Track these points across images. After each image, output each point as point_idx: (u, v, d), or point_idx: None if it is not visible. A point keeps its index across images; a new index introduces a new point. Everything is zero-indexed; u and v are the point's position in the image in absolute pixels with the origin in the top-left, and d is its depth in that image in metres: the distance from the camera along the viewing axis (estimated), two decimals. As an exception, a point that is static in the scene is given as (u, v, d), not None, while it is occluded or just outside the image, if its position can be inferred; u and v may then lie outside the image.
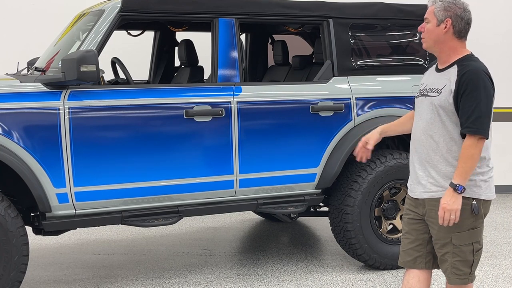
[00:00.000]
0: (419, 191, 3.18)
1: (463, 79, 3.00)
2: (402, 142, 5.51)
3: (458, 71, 3.04)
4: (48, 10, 7.51)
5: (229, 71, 4.69)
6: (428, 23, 3.13)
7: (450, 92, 3.03)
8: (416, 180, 3.20)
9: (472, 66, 3.03)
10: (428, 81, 3.23)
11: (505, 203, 7.71)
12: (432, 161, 3.10)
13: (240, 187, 4.68)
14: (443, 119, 3.07)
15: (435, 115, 3.09)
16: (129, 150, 4.33)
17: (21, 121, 4.06)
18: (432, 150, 3.11)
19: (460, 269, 3.10)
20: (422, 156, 3.14)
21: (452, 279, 3.14)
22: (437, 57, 3.21)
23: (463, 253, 3.09)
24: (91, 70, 4.01)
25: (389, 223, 5.18)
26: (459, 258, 3.09)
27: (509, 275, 4.98)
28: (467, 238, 3.08)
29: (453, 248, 3.08)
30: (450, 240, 3.08)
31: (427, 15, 3.14)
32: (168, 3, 4.57)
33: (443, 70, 3.14)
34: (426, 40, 3.15)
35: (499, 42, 7.96)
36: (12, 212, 4.02)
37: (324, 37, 5.02)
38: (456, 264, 3.10)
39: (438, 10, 3.08)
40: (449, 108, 3.04)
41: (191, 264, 5.37)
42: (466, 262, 3.10)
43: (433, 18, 3.10)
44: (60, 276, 5.08)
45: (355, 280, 4.91)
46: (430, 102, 3.12)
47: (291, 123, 4.79)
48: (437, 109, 3.07)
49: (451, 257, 3.10)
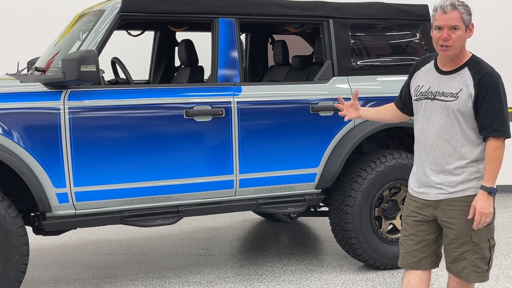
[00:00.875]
0: (433, 193, 3.16)
1: (482, 82, 3.00)
2: (402, 142, 5.52)
3: (473, 74, 3.03)
4: (48, 10, 7.51)
5: (229, 71, 4.69)
6: (458, 30, 3.01)
7: (469, 96, 3.02)
8: (427, 184, 3.18)
9: (487, 69, 3.04)
10: (430, 83, 3.16)
11: (505, 203, 7.71)
12: (449, 165, 3.10)
13: (240, 187, 4.68)
14: (461, 124, 3.06)
15: (451, 120, 3.07)
16: (129, 150, 4.33)
17: (21, 121, 4.06)
18: (448, 155, 3.10)
19: (479, 267, 3.13)
20: (438, 161, 3.13)
21: (472, 277, 3.15)
22: (447, 60, 3.12)
23: (482, 250, 3.12)
24: (91, 70, 4.01)
25: (389, 223, 5.18)
26: (479, 255, 3.12)
27: (509, 275, 4.98)
28: (485, 234, 3.11)
29: (473, 246, 3.10)
30: (470, 238, 3.10)
31: (455, 22, 3.00)
32: (168, 3, 4.57)
33: (451, 72, 3.10)
34: (455, 48, 3.04)
35: (500, 43, 7.96)
36: (12, 212, 4.02)
37: (324, 37, 5.02)
38: (476, 262, 3.12)
39: (465, 15, 3.02)
40: (468, 112, 3.04)
41: (191, 264, 5.37)
42: (485, 259, 3.14)
43: (462, 24, 3.02)
44: (60, 276, 5.08)
45: (355, 280, 4.92)
46: (444, 106, 3.08)
47: (291, 123, 4.79)
48: (455, 113, 3.05)
49: (471, 255, 3.11)
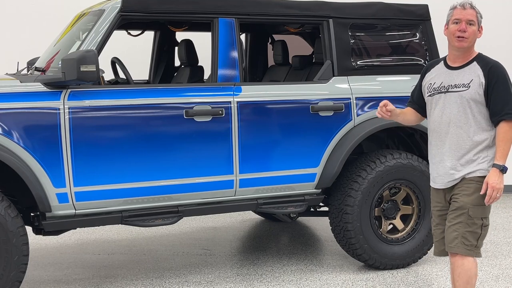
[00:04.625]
0: (447, 180, 3.50)
1: (491, 72, 3.37)
2: (402, 142, 5.52)
3: (482, 66, 3.41)
4: (48, 10, 7.51)
5: (229, 71, 4.69)
6: (473, 25, 3.42)
7: (480, 85, 3.38)
8: (444, 172, 3.50)
9: (493, 62, 3.43)
10: (441, 79, 3.51)
11: (505, 203, 7.71)
12: (463, 150, 3.43)
13: (240, 187, 4.67)
14: (473, 111, 3.41)
15: (465, 108, 3.42)
16: (129, 150, 4.33)
17: (21, 121, 4.05)
18: (462, 140, 3.43)
19: (469, 240, 3.44)
20: (453, 147, 3.46)
21: (460, 248, 3.44)
22: (457, 56, 3.48)
23: (475, 225, 3.44)
24: (91, 70, 4.01)
25: (389, 223, 5.18)
26: (470, 229, 3.43)
27: (509, 275, 4.98)
28: (481, 212, 3.44)
29: (467, 219, 3.43)
30: (468, 211, 3.42)
31: (472, 18, 3.41)
32: (168, 3, 4.57)
33: (461, 67, 3.46)
34: (469, 41, 3.43)
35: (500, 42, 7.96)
36: (12, 212, 4.02)
37: (324, 37, 5.02)
38: (466, 235, 3.43)
39: (479, 16, 3.45)
40: (479, 100, 3.39)
41: (191, 264, 5.37)
42: (475, 234, 3.45)
43: (476, 21, 3.43)
44: (60, 276, 5.08)
45: (355, 280, 4.91)
46: (458, 96, 3.42)
47: (291, 123, 4.79)
48: (469, 102, 3.40)
49: (463, 227, 3.43)
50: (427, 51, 5.28)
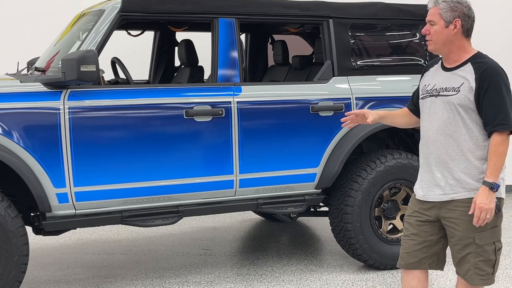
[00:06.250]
0: (436, 194, 3.12)
1: (483, 76, 2.96)
2: (402, 142, 5.52)
3: (475, 69, 3.00)
4: (48, 10, 7.51)
5: (229, 71, 4.69)
6: (434, 25, 3.08)
7: (470, 90, 2.99)
8: (432, 183, 3.13)
9: (489, 64, 3.01)
10: (435, 81, 3.15)
11: (505, 203, 7.69)
12: (453, 161, 3.05)
13: (240, 187, 4.68)
14: (463, 117, 3.02)
15: (454, 114, 3.03)
16: (129, 150, 4.33)
17: (21, 121, 4.06)
18: (452, 150, 3.05)
19: (483, 269, 3.07)
20: (441, 157, 3.08)
21: (476, 280, 3.09)
22: (444, 57, 3.15)
23: (486, 253, 3.06)
24: (91, 70, 4.01)
25: (389, 223, 5.18)
26: (482, 258, 3.06)
27: (509, 275, 4.98)
28: (489, 237, 3.06)
29: (476, 248, 3.05)
30: (473, 240, 3.04)
31: (431, 18, 3.09)
32: (168, 3, 4.57)
33: (455, 69, 3.09)
34: (434, 42, 3.08)
35: (500, 43, 7.96)
36: (12, 212, 4.02)
37: (324, 37, 5.02)
38: (479, 265, 3.06)
39: (445, 11, 3.05)
40: (469, 106, 3.00)
41: (191, 264, 5.37)
42: (489, 262, 3.07)
43: (440, 19, 3.06)
44: (60, 276, 5.08)
45: (355, 280, 4.92)
46: (446, 101, 3.05)
47: (291, 123, 4.79)
48: (456, 107, 3.02)
49: (474, 257, 3.06)
50: (427, 51, 5.28)
